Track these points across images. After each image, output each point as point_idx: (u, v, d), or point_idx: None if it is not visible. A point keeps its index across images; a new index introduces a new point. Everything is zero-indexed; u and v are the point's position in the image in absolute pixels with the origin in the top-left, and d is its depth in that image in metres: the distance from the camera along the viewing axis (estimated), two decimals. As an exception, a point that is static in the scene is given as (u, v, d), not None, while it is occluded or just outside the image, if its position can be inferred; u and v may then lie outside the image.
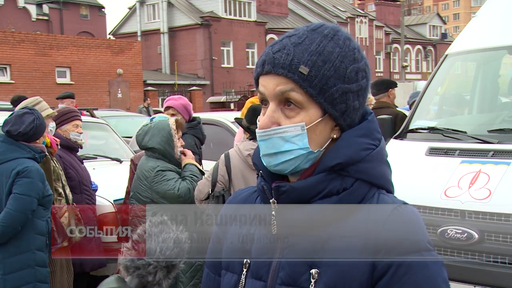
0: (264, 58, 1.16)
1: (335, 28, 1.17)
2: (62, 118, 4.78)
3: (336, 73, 1.12)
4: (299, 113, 1.13)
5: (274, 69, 1.13)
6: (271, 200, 1.17)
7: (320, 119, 1.14)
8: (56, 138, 4.46)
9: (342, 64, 1.13)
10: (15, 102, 7.18)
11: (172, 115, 4.83)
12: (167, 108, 4.98)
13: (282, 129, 1.13)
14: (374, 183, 1.16)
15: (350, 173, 1.14)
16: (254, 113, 3.79)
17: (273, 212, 1.17)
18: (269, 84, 1.14)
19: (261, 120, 1.15)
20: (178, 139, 4.16)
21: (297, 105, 1.13)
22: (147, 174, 4.02)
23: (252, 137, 3.80)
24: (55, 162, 4.36)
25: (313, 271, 1.12)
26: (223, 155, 3.80)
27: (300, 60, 1.11)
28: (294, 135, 1.13)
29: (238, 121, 4.09)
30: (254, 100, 4.67)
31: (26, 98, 4.84)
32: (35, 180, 3.64)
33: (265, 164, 1.18)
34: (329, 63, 1.12)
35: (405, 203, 1.16)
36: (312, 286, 1.12)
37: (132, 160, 4.66)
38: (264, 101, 1.17)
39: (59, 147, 4.49)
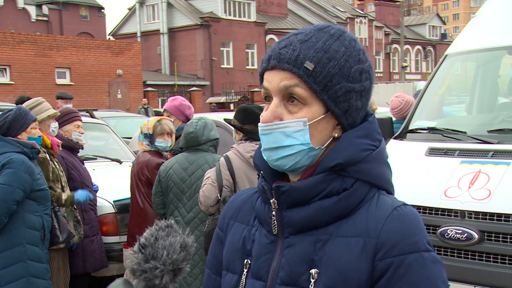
0: (270, 54, 1.17)
1: (342, 29, 1.19)
2: (64, 119, 4.78)
3: (341, 71, 1.13)
4: (302, 109, 1.13)
5: (279, 64, 1.13)
6: (271, 200, 1.18)
7: (323, 116, 1.14)
8: (58, 140, 4.45)
9: (347, 63, 1.14)
10: (19, 104, 7.17)
11: (168, 117, 5.04)
12: (165, 110, 5.16)
13: (284, 123, 1.14)
14: (374, 184, 1.17)
15: (350, 173, 1.14)
16: (245, 113, 3.79)
17: (273, 212, 1.18)
18: (274, 79, 1.14)
19: (263, 114, 1.16)
20: None
21: (301, 101, 1.13)
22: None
23: (247, 137, 3.79)
24: (56, 163, 4.35)
25: (312, 271, 1.13)
26: (222, 159, 3.77)
27: (305, 56, 1.12)
28: (296, 130, 1.13)
29: (228, 121, 4.09)
30: None
31: (29, 99, 4.84)
32: (18, 171, 3.58)
33: (265, 158, 1.18)
34: (334, 61, 1.13)
35: (405, 204, 1.16)
36: (311, 286, 1.12)
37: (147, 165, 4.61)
38: (267, 97, 1.18)
39: (60, 148, 4.48)
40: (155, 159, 4.51)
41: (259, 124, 1.17)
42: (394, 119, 6.04)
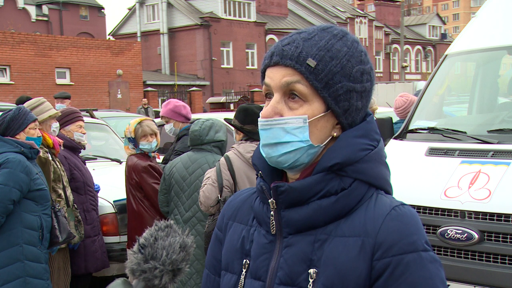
0: (273, 51, 1.18)
1: (345, 30, 1.20)
2: (66, 119, 4.78)
3: (342, 70, 1.14)
4: (303, 105, 1.14)
5: (282, 60, 1.14)
6: (269, 200, 1.18)
7: (323, 114, 1.15)
8: (60, 139, 4.45)
9: (348, 63, 1.15)
10: (19, 104, 7.18)
11: (166, 122, 5.06)
12: (162, 116, 5.14)
13: (284, 120, 1.14)
14: (373, 184, 1.17)
15: (348, 173, 1.15)
16: (245, 113, 3.79)
17: (271, 212, 1.18)
18: (276, 75, 1.15)
19: (264, 110, 1.16)
20: None
21: (302, 98, 1.14)
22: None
23: (247, 137, 3.80)
24: (58, 163, 4.34)
25: (311, 271, 1.13)
26: (222, 159, 3.78)
27: (308, 53, 1.13)
28: (295, 127, 1.14)
29: (228, 121, 4.10)
30: None
31: (29, 99, 4.83)
32: (14, 171, 3.57)
33: (264, 155, 1.18)
34: (336, 60, 1.14)
35: (403, 204, 1.16)
36: (310, 286, 1.12)
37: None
38: (268, 95, 1.18)
39: (62, 148, 4.48)
40: (141, 162, 4.50)
41: (259, 119, 1.17)
42: (397, 118, 6.08)
